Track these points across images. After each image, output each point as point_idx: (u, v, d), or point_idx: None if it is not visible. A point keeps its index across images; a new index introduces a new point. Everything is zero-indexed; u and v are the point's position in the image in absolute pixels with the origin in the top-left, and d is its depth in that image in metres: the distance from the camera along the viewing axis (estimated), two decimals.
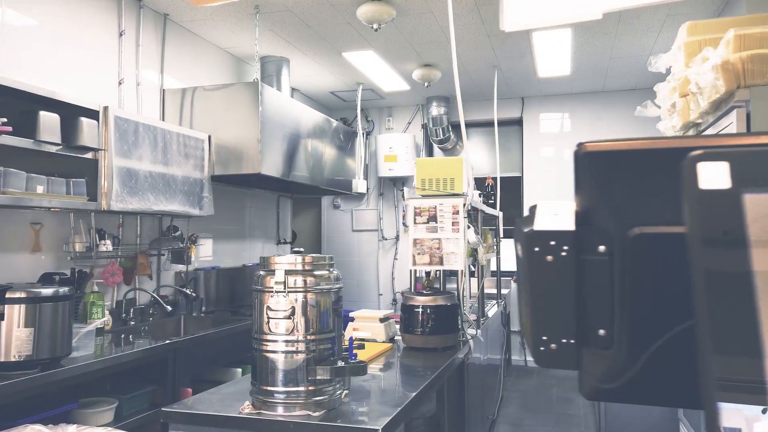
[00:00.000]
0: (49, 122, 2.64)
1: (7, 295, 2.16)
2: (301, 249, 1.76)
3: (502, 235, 4.86)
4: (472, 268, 3.45)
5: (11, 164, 2.57)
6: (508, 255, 6.29)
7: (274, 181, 4.50)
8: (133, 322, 3.47)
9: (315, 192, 5.48)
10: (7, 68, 2.82)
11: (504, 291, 5.05)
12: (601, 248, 0.48)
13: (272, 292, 1.69)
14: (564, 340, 0.50)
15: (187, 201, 3.54)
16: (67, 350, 2.36)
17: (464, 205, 3.03)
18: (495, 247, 4.57)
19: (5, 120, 2.39)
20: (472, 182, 3.04)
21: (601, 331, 0.50)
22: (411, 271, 3.13)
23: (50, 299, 2.27)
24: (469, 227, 3.07)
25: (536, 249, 0.49)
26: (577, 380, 0.56)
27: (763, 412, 0.43)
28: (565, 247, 0.48)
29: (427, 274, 3.61)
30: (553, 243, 0.48)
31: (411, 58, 4.85)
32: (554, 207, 0.50)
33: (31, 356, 2.20)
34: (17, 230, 2.86)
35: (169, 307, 3.42)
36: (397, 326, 3.08)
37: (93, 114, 2.91)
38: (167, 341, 2.91)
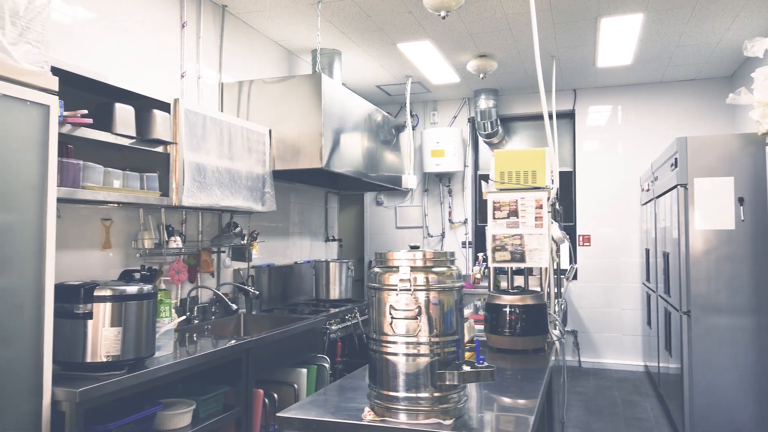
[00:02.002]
0: (124, 115, 2.56)
1: (95, 293, 2.08)
2: (418, 245, 1.63)
3: None
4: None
5: (85, 158, 2.49)
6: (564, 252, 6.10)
7: (323, 176, 4.39)
8: (196, 321, 3.39)
9: (363, 187, 5.36)
10: (74, 61, 2.75)
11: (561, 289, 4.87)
12: None
13: (396, 290, 1.56)
14: None
15: (250, 196, 3.45)
16: (151, 350, 2.27)
17: (548, 198, 2.88)
18: None
19: (85, 111, 2.31)
20: (556, 175, 2.89)
21: None
22: (491, 268, 2.99)
23: (135, 297, 2.18)
24: (552, 222, 2.92)
25: None
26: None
27: None
28: None
29: (496, 270, 3.46)
30: None
31: (467, 49, 4.70)
32: None
33: (119, 357, 2.11)
34: (89, 226, 2.79)
35: (234, 306, 3.32)
36: (477, 326, 2.95)
37: (164, 107, 2.83)
38: (241, 341, 2.82)
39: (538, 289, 4.17)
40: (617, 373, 5.62)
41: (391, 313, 1.56)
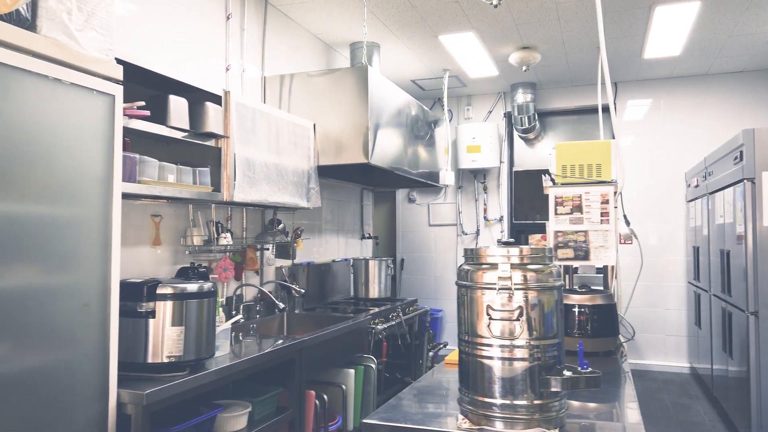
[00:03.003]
0: (178, 107, 2.48)
1: (158, 291, 2.00)
2: (512, 240, 1.54)
3: None
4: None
5: (137, 151, 2.42)
6: None
7: (360, 172, 4.28)
8: (242, 320, 3.31)
9: (399, 183, 5.23)
10: (122, 53, 2.67)
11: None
12: None
13: (494, 289, 1.45)
14: None
15: (296, 192, 3.36)
16: (211, 351, 2.18)
17: (615, 193, 2.74)
18: None
19: (143, 103, 2.23)
20: (624, 169, 2.75)
21: None
22: None
23: (196, 296, 2.10)
24: (618, 218, 2.78)
25: None
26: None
27: None
28: None
29: None
30: None
31: (511, 40, 4.56)
32: None
33: (181, 357, 2.03)
34: (139, 222, 2.72)
35: (281, 304, 3.24)
36: None
37: (214, 99, 2.75)
38: (294, 340, 2.73)
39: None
40: (662, 375, 5.44)
41: (489, 314, 1.45)
